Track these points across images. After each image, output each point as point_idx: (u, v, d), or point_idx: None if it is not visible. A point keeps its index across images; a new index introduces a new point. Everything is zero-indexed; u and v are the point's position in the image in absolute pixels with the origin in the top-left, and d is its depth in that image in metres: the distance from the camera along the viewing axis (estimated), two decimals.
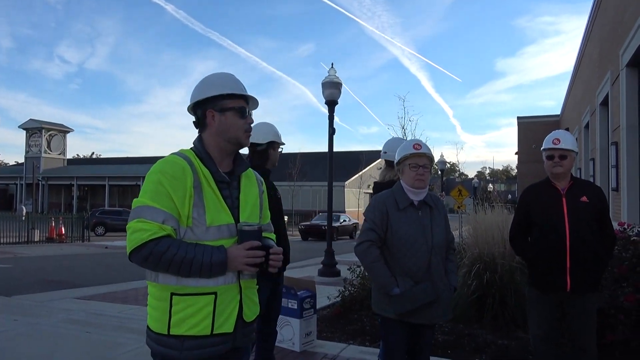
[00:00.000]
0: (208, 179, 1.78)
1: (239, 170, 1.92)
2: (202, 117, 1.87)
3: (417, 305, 2.62)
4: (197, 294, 1.71)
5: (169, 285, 1.71)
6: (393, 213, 2.72)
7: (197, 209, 1.72)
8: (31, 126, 46.71)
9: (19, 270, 10.62)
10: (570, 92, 18.17)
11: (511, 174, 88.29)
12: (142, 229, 1.64)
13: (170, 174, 1.71)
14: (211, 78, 1.92)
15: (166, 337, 1.71)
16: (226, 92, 1.86)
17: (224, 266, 1.70)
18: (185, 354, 1.70)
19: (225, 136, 1.85)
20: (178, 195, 1.69)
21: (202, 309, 1.71)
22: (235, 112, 1.86)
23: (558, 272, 2.97)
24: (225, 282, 1.74)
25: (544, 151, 3.14)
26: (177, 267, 1.65)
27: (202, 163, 1.81)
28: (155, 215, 1.66)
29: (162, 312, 1.72)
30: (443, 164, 25.70)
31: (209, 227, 1.73)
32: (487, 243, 5.45)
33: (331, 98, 10.02)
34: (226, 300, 1.75)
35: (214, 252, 1.69)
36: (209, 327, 1.71)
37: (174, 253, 1.63)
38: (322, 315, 5.65)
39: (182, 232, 1.72)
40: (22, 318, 5.60)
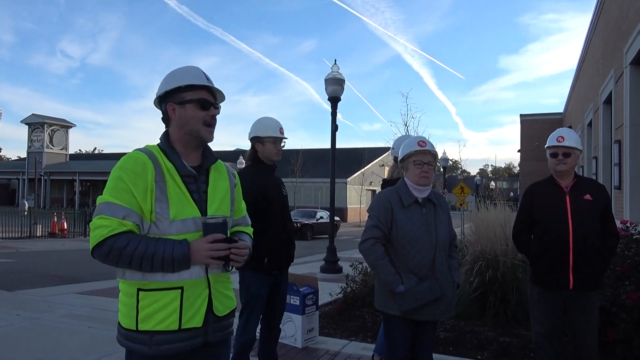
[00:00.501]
0: (172, 173, 1.77)
1: (207, 164, 1.89)
2: (165, 112, 1.86)
3: (422, 303, 2.61)
4: (164, 289, 1.70)
5: (135, 281, 1.71)
6: (398, 210, 2.72)
7: (159, 204, 1.71)
8: (33, 121, 46.73)
9: (21, 265, 10.65)
10: (574, 90, 18.11)
11: (513, 171, 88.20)
12: (102, 225, 1.64)
13: (131, 170, 1.70)
14: (174, 72, 1.90)
15: (135, 333, 1.71)
16: (184, 84, 1.82)
17: (187, 260, 1.68)
18: (155, 349, 1.69)
19: (186, 129, 1.82)
20: (139, 190, 1.68)
21: (169, 304, 1.70)
22: (195, 104, 1.82)
23: (561, 270, 2.96)
24: (192, 277, 1.73)
25: (547, 149, 3.13)
26: (139, 263, 1.64)
27: (166, 157, 1.80)
28: (115, 212, 1.65)
29: (130, 307, 1.72)
30: (445, 161, 25.64)
31: (172, 220, 1.72)
32: (490, 240, 5.45)
33: (334, 94, 10.00)
34: (194, 295, 1.74)
35: (176, 246, 1.68)
36: (177, 322, 1.70)
37: (134, 248, 1.63)
38: (324, 311, 5.65)
39: (147, 227, 1.71)
40: (25, 313, 5.62)
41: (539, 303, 3.12)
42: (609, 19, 9.77)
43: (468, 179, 60.04)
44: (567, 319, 3.09)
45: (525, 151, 26.61)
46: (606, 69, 9.99)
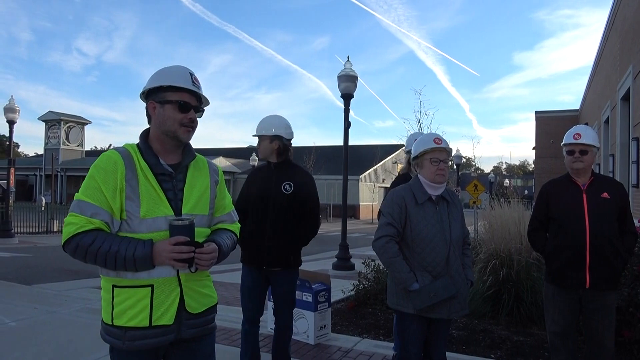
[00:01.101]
0: (145, 171, 1.78)
1: (185, 161, 1.89)
2: (146, 108, 1.88)
3: (436, 301, 2.60)
4: (135, 287, 1.74)
5: (110, 277, 1.75)
6: (412, 208, 2.70)
7: (130, 202, 1.72)
8: (50, 118, 47.40)
9: (38, 259, 10.83)
10: (590, 87, 17.84)
11: (528, 169, 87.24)
12: (71, 222, 1.69)
13: (102, 168, 1.74)
14: (161, 70, 1.90)
15: (111, 327, 1.76)
16: (166, 84, 1.81)
17: (148, 260, 1.69)
18: (128, 344, 1.74)
19: (162, 128, 1.83)
20: (109, 188, 1.71)
21: (139, 301, 1.73)
22: (174, 106, 1.81)
23: (577, 268, 2.93)
24: (161, 275, 1.75)
25: (564, 146, 3.10)
26: (103, 260, 1.68)
27: (141, 156, 1.81)
28: (84, 209, 1.69)
29: (107, 303, 1.77)
30: (459, 159, 25.45)
31: (143, 219, 1.73)
32: (503, 239, 5.40)
33: (347, 91, 9.98)
34: (164, 293, 1.76)
35: (139, 246, 1.68)
36: (147, 319, 1.73)
37: (98, 246, 1.66)
38: (336, 308, 5.66)
39: (117, 225, 1.73)
40: (42, 306, 5.72)
41: (554, 302, 3.09)
42: (627, 14, 9.59)
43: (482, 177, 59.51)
44: (582, 318, 3.05)
45: (540, 148, 26.28)
46: (624, 65, 9.81)
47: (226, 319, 5.18)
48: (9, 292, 6.62)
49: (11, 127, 15.04)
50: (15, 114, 14.98)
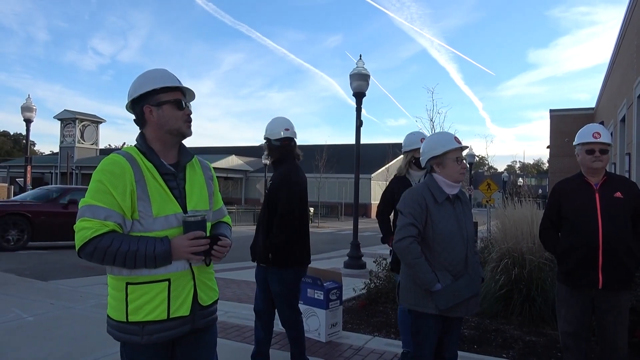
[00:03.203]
0: (152, 172, 1.85)
1: (184, 161, 1.98)
2: (140, 114, 1.92)
3: (460, 300, 2.60)
4: (151, 282, 1.79)
5: (123, 276, 1.79)
6: (432, 207, 2.68)
7: (141, 202, 1.79)
8: (65, 117, 48.02)
9: (55, 256, 11.00)
10: (606, 85, 17.60)
11: (542, 168, 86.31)
12: (85, 227, 1.73)
13: (109, 172, 1.78)
14: (145, 74, 1.96)
15: (126, 324, 1.80)
16: (159, 86, 1.90)
17: (168, 256, 1.78)
18: (146, 338, 1.80)
19: (166, 128, 1.90)
20: (118, 191, 1.75)
21: (157, 296, 1.79)
22: (172, 105, 1.91)
23: (590, 268, 2.91)
24: (178, 269, 1.83)
25: (582, 145, 3.05)
26: (122, 260, 1.73)
27: (145, 158, 1.87)
28: (97, 213, 1.73)
29: (120, 301, 1.81)
30: (472, 158, 25.29)
31: (156, 217, 1.80)
32: (516, 238, 5.36)
33: (359, 90, 9.98)
34: (180, 286, 1.84)
35: (157, 244, 1.76)
36: (165, 312, 1.80)
37: (117, 247, 1.71)
38: (347, 306, 5.68)
39: (129, 225, 1.79)
40: (58, 302, 5.82)
41: (566, 302, 3.07)
42: None
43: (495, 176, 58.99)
44: (595, 318, 3.03)
45: (555, 147, 25.99)
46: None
47: (239, 316, 5.23)
48: (27, 287, 6.75)
49: (28, 125, 15.28)
50: (32, 113, 15.22)
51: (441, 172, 2.78)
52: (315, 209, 30.55)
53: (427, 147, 2.86)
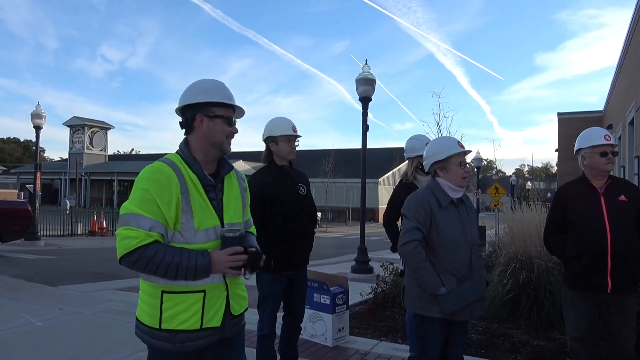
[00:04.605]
0: (196, 183, 1.86)
1: (223, 172, 2.00)
2: (190, 120, 1.94)
3: (466, 304, 2.60)
4: (187, 292, 1.81)
5: (160, 284, 1.81)
6: (437, 211, 2.68)
7: (185, 214, 1.80)
8: (74, 123, 48.45)
9: (63, 261, 11.09)
10: (614, 87, 17.47)
11: (551, 171, 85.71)
12: (129, 236, 1.73)
13: (156, 182, 1.79)
14: (204, 83, 1.98)
15: (158, 331, 1.82)
16: (217, 100, 1.92)
17: (208, 270, 1.81)
18: (178, 346, 1.82)
19: (211, 141, 1.93)
20: (164, 201, 1.77)
21: (192, 306, 1.81)
22: (224, 120, 1.94)
23: (599, 272, 2.89)
24: (213, 281, 1.85)
25: (593, 148, 3.00)
26: (164, 271, 1.75)
27: (189, 168, 1.88)
28: (142, 223, 1.74)
29: (154, 308, 1.82)
30: (479, 161, 25.15)
31: (197, 230, 1.82)
32: (524, 242, 5.34)
33: (365, 95, 9.99)
34: (214, 297, 1.86)
35: (199, 258, 1.78)
36: (199, 322, 1.82)
37: (161, 258, 1.73)
38: (354, 311, 5.67)
39: (170, 235, 1.81)
40: (67, 307, 5.86)
41: (574, 306, 3.05)
42: None
43: (503, 179, 58.66)
44: (603, 322, 3.01)
45: (563, 150, 25.80)
46: None
47: (248, 321, 5.23)
48: (36, 293, 6.80)
49: (37, 132, 15.42)
50: (41, 120, 15.36)
51: (445, 176, 2.78)
52: (323, 214, 30.55)
53: (430, 152, 2.87)
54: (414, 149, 3.94)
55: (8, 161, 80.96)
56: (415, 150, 3.93)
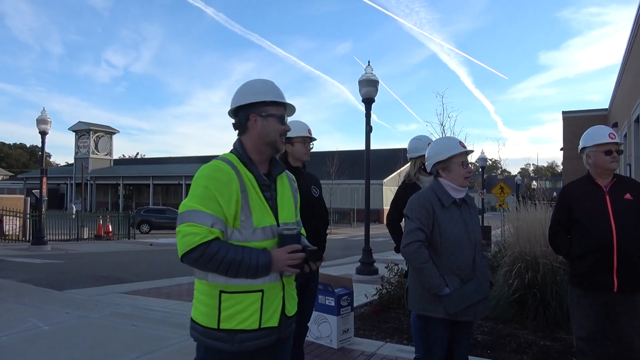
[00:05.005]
0: (252, 182, 1.88)
1: (275, 173, 2.01)
2: (244, 121, 1.96)
3: (469, 304, 2.60)
4: (246, 292, 1.81)
5: (218, 283, 1.81)
6: (439, 211, 2.68)
7: (244, 212, 1.81)
8: (80, 128, 48.78)
9: (70, 266, 11.14)
10: (619, 85, 17.39)
11: (556, 170, 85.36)
12: (192, 232, 1.73)
13: (217, 179, 1.80)
14: (255, 84, 2.00)
15: (216, 331, 1.81)
16: (270, 100, 1.95)
17: (269, 268, 1.80)
18: (236, 346, 1.82)
19: (265, 140, 1.94)
20: (224, 199, 1.78)
21: (250, 306, 1.82)
22: (277, 119, 1.96)
23: (605, 271, 2.88)
24: (271, 280, 1.85)
25: (598, 146, 2.99)
26: (226, 268, 1.75)
27: (245, 167, 1.90)
28: (204, 219, 1.75)
29: (212, 308, 1.82)
30: (484, 161, 25.08)
31: (255, 228, 1.83)
32: (529, 241, 5.32)
33: (368, 96, 9.99)
34: (272, 297, 1.87)
35: (260, 255, 1.79)
36: (257, 322, 1.82)
37: (224, 255, 1.74)
38: (359, 313, 5.67)
39: (229, 233, 1.81)
40: (74, 311, 5.89)
41: (580, 306, 3.04)
42: None
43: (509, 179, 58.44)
44: (609, 322, 2.99)
45: (569, 149, 25.66)
46: None
47: None
48: (43, 297, 6.84)
49: (43, 138, 15.52)
50: (47, 125, 15.45)
51: (447, 176, 2.78)
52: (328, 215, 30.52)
53: (432, 152, 2.87)
54: (417, 150, 3.95)
55: (15, 167, 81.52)
56: (417, 151, 3.94)
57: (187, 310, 6.10)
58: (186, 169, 45.29)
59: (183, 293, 7.43)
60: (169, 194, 49.24)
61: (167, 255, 15.03)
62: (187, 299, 6.94)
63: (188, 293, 7.46)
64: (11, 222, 17.94)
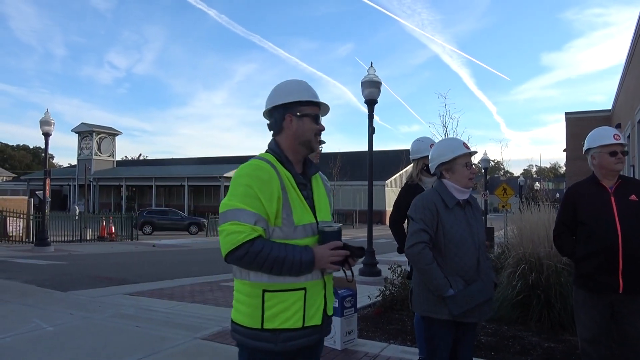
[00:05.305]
0: (290, 181, 1.89)
1: (310, 172, 2.03)
2: (279, 121, 1.97)
3: (473, 305, 2.59)
4: (289, 290, 1.81)
5: (261, 282, 1.80)
6: (443, 213, 2.68)
7: (285, 210, 1.82)
8: (83, 129, 48.88)
9: (73, 267, 11.17)
10: (622, 86, 17.35)
11: (559, 172, 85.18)
12: (236, 231, 1.73)
13: (258, 177, 1.81)
14: (290, 84, 2.02)
15: (260, 331, 1.81)
16: (305, 99, 1.96)
17: (312, 265, 1.81)
18: (280, 345, 1.81)
19: (301, 140, 1.96)
20: (266, 197, 1.78)
21: (293, 304, 1.82)
22: (312, 118, 1.97)
23: (610, 273, 2.87)
24: (313, 278, 1.86)
25: (602, 147, 2.99)
26: (270, 266, 1.75)
27: (283, 166, 1.91)
28: (247, 218, 1.75)
29: (254, 308, 1.81)
30: (486, 162, 25.01)
31: (297, 226, 1.84)
32: (533, 243, 5.30)
33: (370, 97, 10.00)
34: (314, 295, 1.87)
35: (303, 252, 1.79)
36: (301, 320, 1.83)
37: (268, 253, 1.74)
38: (363, 314, 5.66)
39: (270, 231, 1.81)
40: (77, 312, 5.90)
41: (585, 307, 3.03)
42: None
43: (511, 180, 58.31)
44: (615, 323, 2.98)
45: (571, 150, 25.64)
46: None
47: None
48: (46, 298, 6.86)
49: (46, 139, 15.57)
50: (50, 127, 15.50)
51: (451, 177, 2.78)
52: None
53: (436, 153, 2.86)
54: (419, 151, 3.96)
55: (18, 168, 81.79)
56: (420, 152, 3.96)
57: (190, 311, 6.13)
58: (189, 171, 45.37)
59: (186, 294, 7.44)
60: (172, 195, 49.29)
61: (169, 257, 15.06)
62: (189, 299, 6.95)
63: (191, 294, 7.47)
64: (15, 223, 18.00)
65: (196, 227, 27.55)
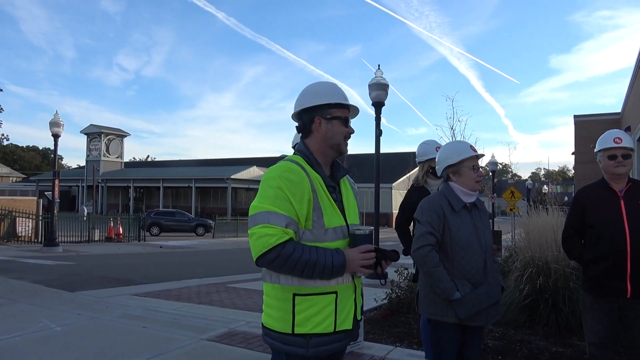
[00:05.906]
0: (320, 183, 1.87)
1: (339, 176, 2.01)
2: (308, 123, 1.95)
3: (480, 309, 2.58)
4: (320, 294, 1.79)
5: (292, 286, 1.78)
6: (449, 215, 2.67)
7: (316, 212, 1.80)
8: (91, 131, 49.28)
9: (81, 267, 11.24)
10: (632, 89, 17.21)
11: (568, 175, 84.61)
12: (267, 234, 1.71)
13: (289, 180, 1.79)
14: (319, 86, 2.00)
15: (291, 336, 1.79)
16: (334, 102, 1.94)
17: (343, 268, 1.78)
18: (312, 350, 1.78)
19: (330, 142, 1.94)
20: (296, 199, 1.76)
21: (325, 308, 1.80)
22: (341, 121, 1.95)
23: (618, 277, 2.85)
24: (344, 282, 1.84)
25: (603, 151, 3.00)
26: (301, 269, 1.73)
27: (312, 169, 1.89)
28: (278, 220, 1.72)
29: (285, 312, 1.80)
30: (494, 165, 24.88)
31: (327, 229, 1.82)
32: (541, 246, 5.27)
33: (378, 99, 9.98)
34: (345, 299, 1.85)
35: (334, 255, 1.77)
36: (332, 325, 1.80)
37: (299, 256, 1.72)
38: (369, 317, 5.65)
39: (300, 233, 1.79)
40: (85, 312, 5.94)
41: (592, 311, 3.01)
42: None
43: (519, 183, 57.97)
44: (623, 327, 2.95)
45: (580, 153, 25.45)
46: None
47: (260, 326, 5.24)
48: (54, 298, 6.91)
49: (56, 140, 15.69)
50: (59, 128, 15.63)
51: (457, 180, 2.77)
52: None
53: (442, 156, 2.86)
54: (425, 154, 3.96)
55: (27, 169, 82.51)
56: (426, 155, 3.96)
57: (197, 312, 6.15)
58: (196, 172, 45.55)
59: (192, 295, 7.47)
60: (179, 197, 49.51)
61: (176, 258, 15.12)
62: (196, 301, 6.97)
63: (197, 295, 7.49)
64: (24, 223, 18.16)
65: (203, 228, 27.64)
